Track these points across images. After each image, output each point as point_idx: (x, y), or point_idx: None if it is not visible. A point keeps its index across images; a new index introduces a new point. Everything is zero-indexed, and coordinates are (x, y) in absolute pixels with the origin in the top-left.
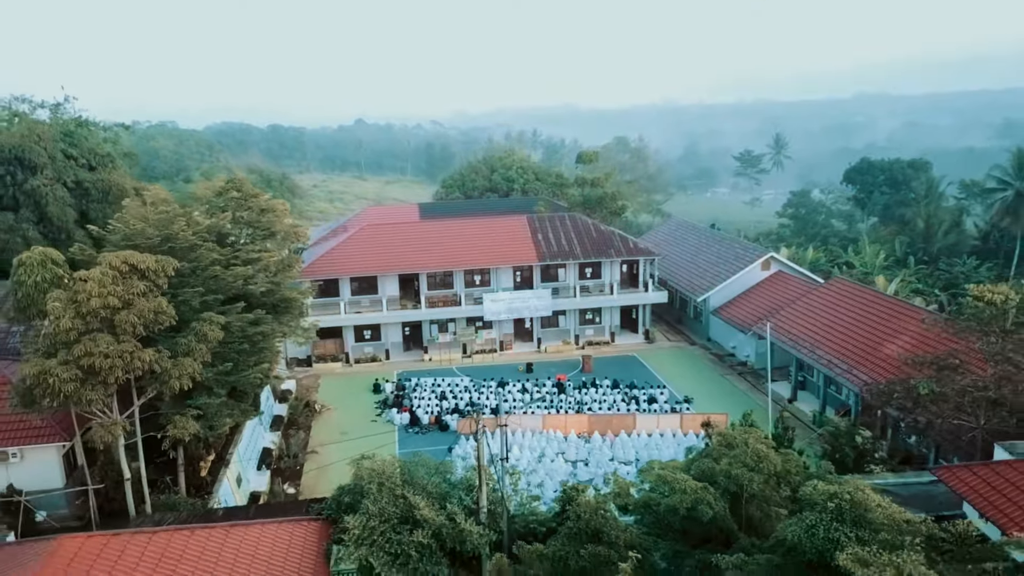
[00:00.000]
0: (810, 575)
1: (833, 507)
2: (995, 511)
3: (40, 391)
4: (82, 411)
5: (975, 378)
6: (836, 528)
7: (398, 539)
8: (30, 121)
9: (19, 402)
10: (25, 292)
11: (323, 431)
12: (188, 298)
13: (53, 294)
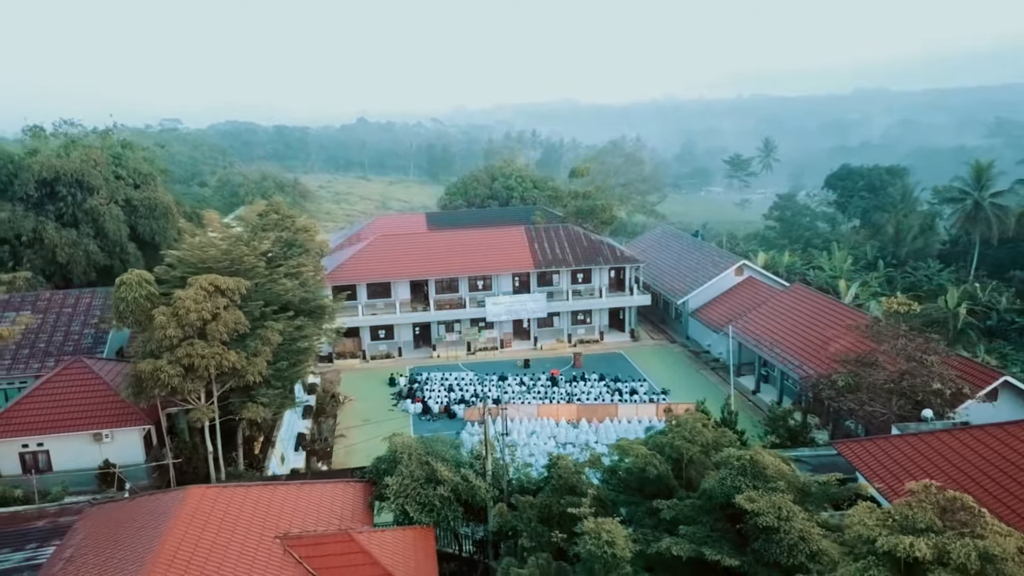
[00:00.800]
0: (719, 512)
1: (738, 466)
2: (870, 472)
3: (151, 383)
4: (180, 399)
5: (887, 373)
6: (739, 480)
7: (425, 493)
8: (85, 147)
9: (132, 392)
10: (126, 305)
11: (347, 418)
12: (252, 309)
13: (159, 309)
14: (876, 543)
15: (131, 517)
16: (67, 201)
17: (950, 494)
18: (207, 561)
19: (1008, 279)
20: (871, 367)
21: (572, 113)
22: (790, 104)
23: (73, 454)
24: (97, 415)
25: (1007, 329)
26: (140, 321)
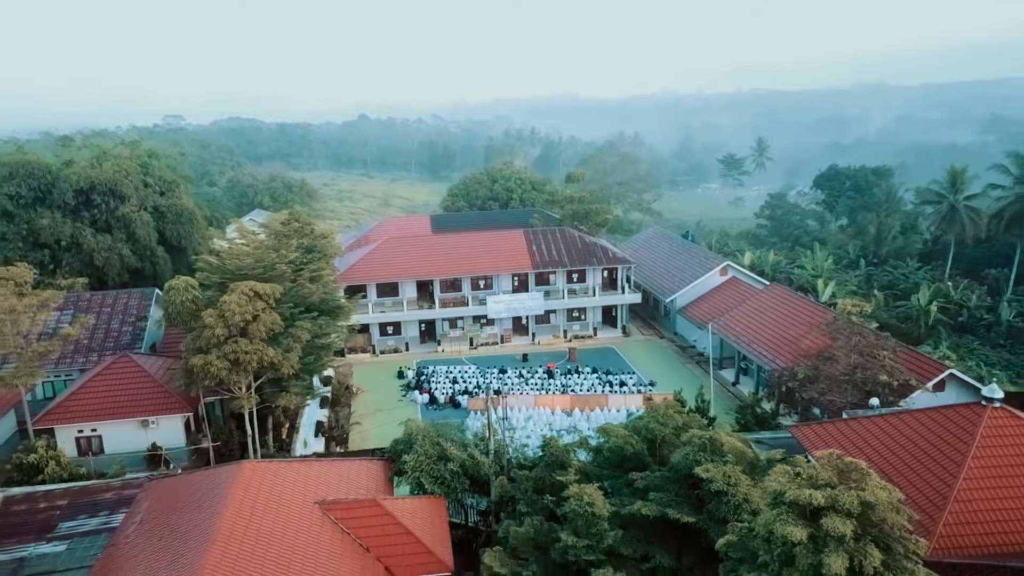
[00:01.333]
0: (682, 482)
1: (699, 443)
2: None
3: (202, 375)
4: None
5: (842, 367)
6: (699, 455)
7: (437, 469)
8: (116, 157)
9: (184, 383)
10: (174, 308)
11: (360, 408)
12: (284, 311)
13: (207, 311)
14: (785, 495)
15: (191, 488)
16: (101, 208)
17: (847, 460)
18: (262, 520)
19: (983, 278)
20: (829, 361)
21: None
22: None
23: (123, 438)
24: (143, 404)
25: (976, 325)
26: (186, 321)
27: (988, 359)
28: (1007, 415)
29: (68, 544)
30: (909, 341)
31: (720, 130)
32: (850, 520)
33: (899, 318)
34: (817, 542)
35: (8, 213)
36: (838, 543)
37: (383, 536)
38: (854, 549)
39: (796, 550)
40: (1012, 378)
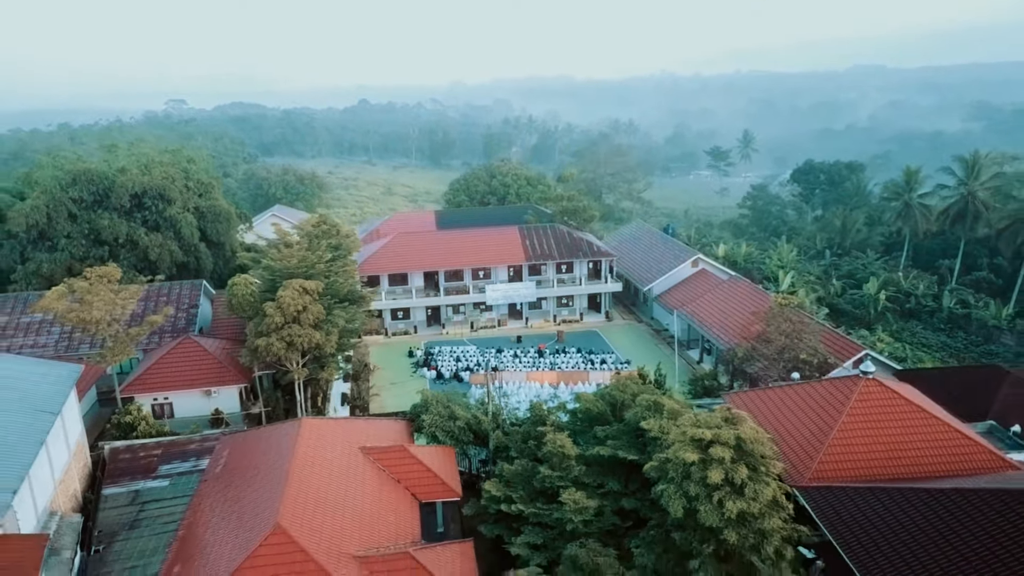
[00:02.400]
0: (632, 433)
1: (646, 405)
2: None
3: (264, 353)
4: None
5: (774, 347)
6: (646, 412)
7: (448, 425)
8: (162, 164)
9: (249, 359)
10: (237, 300)
11: (377, 382)
12: (323, 302)
13: (267, 304)
14: (687, 433)
15: (263, 439)
16: (152, 210)
17: (733, 411)
18: (322, 460)
19: (936, 268)
20: (765, 342)
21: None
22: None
23: (190, 405)
24: (206, 376)
25: (921, 311)
26: (245, 310)
27: (927, 342)
28: (877, 385)
29: (170, 481)
30: (861, 325)
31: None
32: (728, 449)
33: (853, 304)
34: (705, 463)
35: (72, 215)
36: (719, 463)
37: (409, 472)
38: (729, 467)
39: (691, 468)
40: (944, 358)
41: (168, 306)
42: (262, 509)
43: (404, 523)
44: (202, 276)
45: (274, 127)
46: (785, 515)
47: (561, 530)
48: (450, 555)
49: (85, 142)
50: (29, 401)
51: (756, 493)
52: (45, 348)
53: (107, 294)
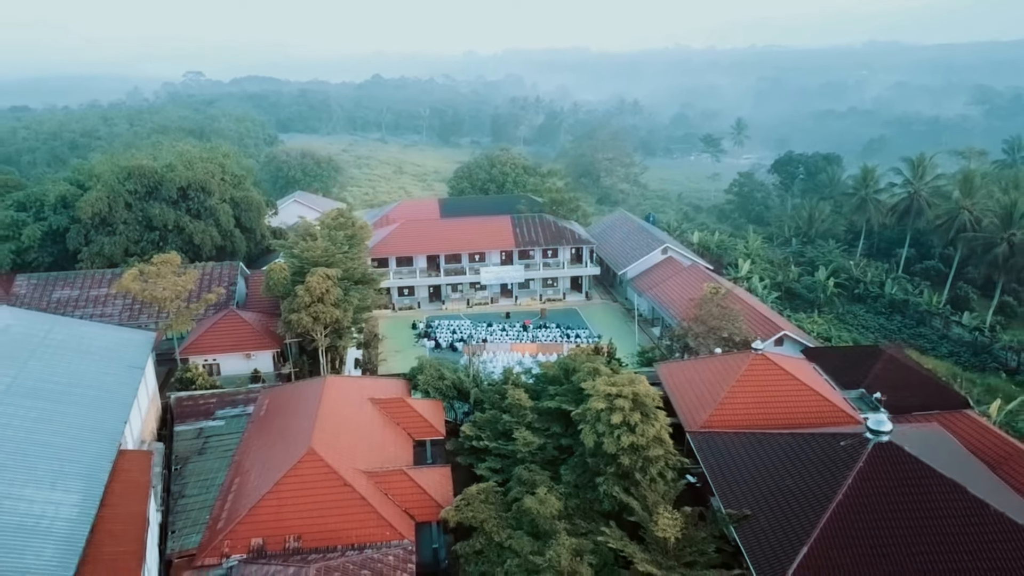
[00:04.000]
0: (577, 391)
1: (588, 371)
2: (662, 373)
3: (296, 326)
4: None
5: (705, 327)
6: (587, 375)
7: (438, 383)
8: (203, 160)
9: (284, 330)
10: (273, 282)
11: (384, 349)
12: (341, 285)
13: (299, 287)
14: (599, 389)
15: (296, 392)
16: (195, 201)
17: (632, 375)
18: (344, 410)
19: (893, 256)
20: (700, 323)
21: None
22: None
23: (233, 365)
24: (246, 342)
25: (867, 296)
26: (279, 291)
27: (867, 324)
28: (763, 359)
29: (224, 421)
30: (812, 308)
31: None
32: (627, 400)
33: (807, 289)
34: (610, 410)
35: (128, 204)
36: (620, 411)
37: (406, 417)
38: (627, 413)
39: (600, 413)
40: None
41: (220, 287)
42: (298, 439)
43: (401, 452)
44: (237, 257)
45: (290, 104)
46: (665, 448)
47: (513, 459)
48: (433, 474)
49: (117, 123)
50: (122, 359)
51: (644, 431)
52: (111, 317)
53: (171, 276)
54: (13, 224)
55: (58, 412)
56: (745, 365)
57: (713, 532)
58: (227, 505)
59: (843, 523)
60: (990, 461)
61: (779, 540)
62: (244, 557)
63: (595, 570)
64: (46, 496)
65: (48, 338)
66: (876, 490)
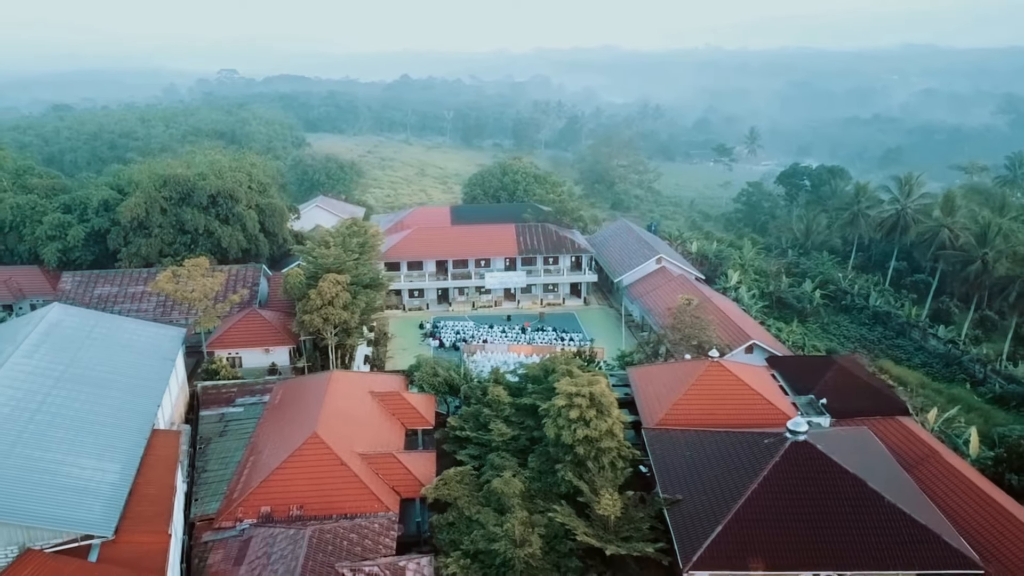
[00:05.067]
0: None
1: (562, 371)
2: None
3: (308, 326)
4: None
5: (680, 335)
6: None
7: (432, 380)
8: (233, 171)
9: (298, 329)
10: (289, 286)
11: (392, 347)
12: (350, 289)
13: (312, 291)
14: (562, 389)
15: (306, 384)
16: (223, 207)
17: (592, 376)
18: (345, 401)
19: (886, 269)
20: (675, 330)
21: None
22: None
23: (253, 359)
24: (266, 338)
25: (853, 307)
26: (296, 293)
27: (848, 334)
28: (718, 367)
29: (243, 408)
30: (799, 317)
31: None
32: (584, 399)
33: (796, 299)
34: (570, 407)
35: (164, 209)
36: (577, 407)
37: (401, 409)
38: (583, 410)
39: (561, 409)
40: (856, 349)
41: (245, 288)
42: (304, 424)
43: (394, 439)
44: (261, 260)
45: (319, 105)
46: (617, 441)
47: (489, 447)
48: (419, 458)
49: (154, 125)
50: (156, 352)
51: (597, 426)
52: (145, 313)
53: (200, 278)
54: (60, 225)
55: (103, 396)
56: (701, 371)
57: (650, 513)
58: (242, 479)
59: (755, 508)
60: (909, 461)
61: (701, 521)
62: (254, 522)
63: (546, 541)
64: (95, 465)
65: (94, 332)
66: (788, 481)
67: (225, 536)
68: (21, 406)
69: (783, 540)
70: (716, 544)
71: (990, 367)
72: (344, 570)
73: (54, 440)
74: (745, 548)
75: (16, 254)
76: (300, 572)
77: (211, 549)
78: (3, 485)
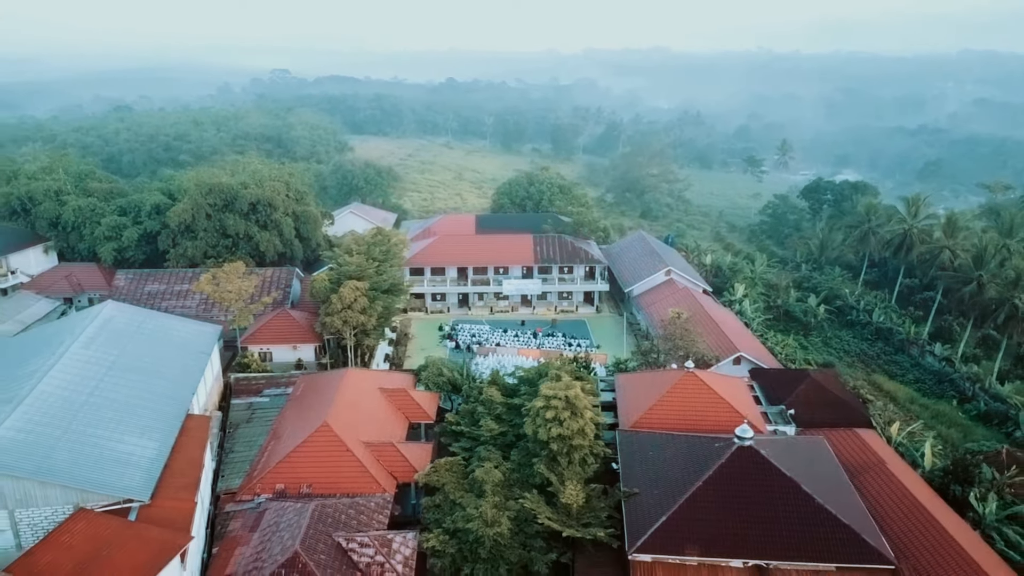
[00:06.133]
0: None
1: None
2: (619, 381)
3: (330, 327)
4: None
5: (670, 344)
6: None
7: (437, 379)
8: (272, 180)
9: (321, 329)
10: (315, 290)
11: (412, 347)
12: (369, 294)
13: (333, 295)
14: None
15: (323, 379)
16: (262, 214)
17: (571, 381)
18: (356, 395)
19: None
20: (665, 340)
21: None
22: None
23: (282, 355)
24: (293, 336)
25: (857, 323)
26: (321, 296)
27: (849, 348)
28: (693, 376)
29: (269, 399)
30: (805, 330)
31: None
32: (560, 400)
33: (803, 312)
34: (547, 408)
35: (208, 215)
36: (553, 408)
37: (405, 404)
38: (558, 411)
39: (538, 409)
40: (854, 363)
41: (278, 291)
42: (318, 415)
43: (396, 431)
44: (295, 263)
45: (365, 107)
46: (588, 440)
47: (479, 441)
48: (417, 448)
49: (206, 128)
50: (194, 346)
51: (570, 426)
52: (189, 309)
53: (236, 281)
54: (116, 226)
55: (146, 384)
56: (676, 380)
57: (611, 504)
58: (262, 460)
59: (698, 502)
60: (856, 469)
61: (650, 512)
62: (270, 496)
63: (516, 523)
64: (136, 441)
65: (141, 328)
66: (730, 480)
67: (244, 508)
68: (78, 390)
69: (719, 532)
70: (659, 532)
71: (978, 385)
72: (339, 539)
73: (104, 419)
74: (684, 537)
75: (77, 252)
76: (301, 538)
77: (232, 518)
78: (61, 455)
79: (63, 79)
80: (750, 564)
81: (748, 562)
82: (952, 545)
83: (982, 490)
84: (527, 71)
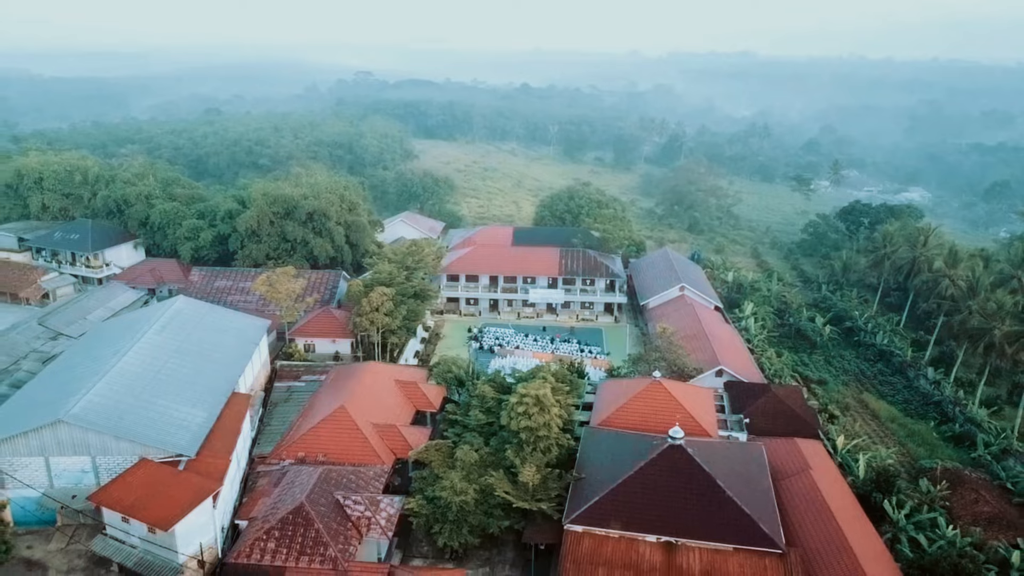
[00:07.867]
0: None
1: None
2: (599, 390)
3: (361, 326)
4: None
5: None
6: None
7: (446, 375)
8: (328, 192)
9: (354, 327)
10: (352, 293)
11: (440, 345)
12: (396, 299)
13: (365, 299)
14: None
15: (351, 369)
16: (318, 222)
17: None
18: (374, 385)
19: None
20: (654, 351)
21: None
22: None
23: (323, 347)
24: (334, 331)
25: (862, 343)
26: (355, 299)
27: (847, 367)
28: (658, 385)
29: (306, 384)
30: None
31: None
32: (531, 398)
33: (812, 331)
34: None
35: (271, 222)
36: (524, 404)
37: (415, 395)
38: (528, 407)
39: (512, 405)
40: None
41: (319, 292)
42: (338, 399)
43: (403, 416)
44: (345, 266)
45: (437, 114)
46: (553, 432)
47: (468, 428)
48: (416, 431)
49: (284, 134)
50: (244, 336)
51: (536, 420)
52: (250, 304)
53: (286, 282)
54: (194, 228)
55: (203, 366)
56: (642, 387)
57: (563, 485)
58: (290, 433)
59: (627, 487)
60: (783, 473)
61: (587, 494)
62: (292, 462)
63: (483, 495)
64: (188, 410)
65: (203, 319)
66: (657, 472)
67: (271, 469)
68: (149, 368)
69: (640, 512)
70: (590, 509)
71: (958, 408)
72: (338, 496)
73: (166, 392)
74: (611, 514)
75: (161, 249)
76: (308, 493)
77: (261, 476)
78: (132, 417)
79: (165, 74)
80: (662, 540)
81: (660, 538)
82: (840, 538)
83: (900, 498)
84: (606, 75)
